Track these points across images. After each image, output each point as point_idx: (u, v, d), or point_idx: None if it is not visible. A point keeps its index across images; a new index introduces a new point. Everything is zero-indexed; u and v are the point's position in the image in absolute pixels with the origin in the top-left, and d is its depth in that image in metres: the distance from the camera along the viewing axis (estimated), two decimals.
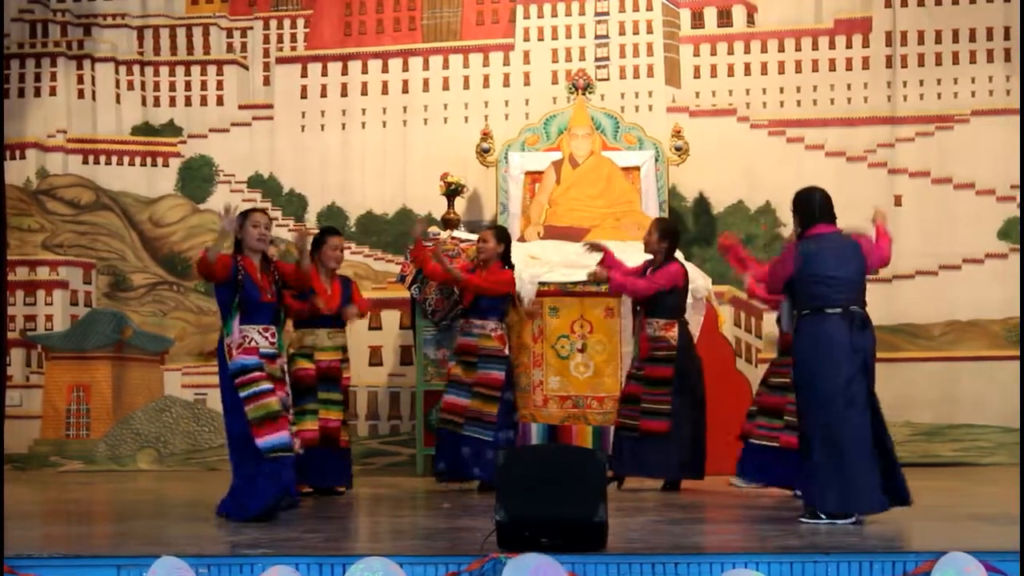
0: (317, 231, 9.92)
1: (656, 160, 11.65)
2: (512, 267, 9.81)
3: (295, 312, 8.97)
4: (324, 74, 12.70)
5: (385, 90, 12.65)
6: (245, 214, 7.73)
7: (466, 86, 12.59)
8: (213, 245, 7.54)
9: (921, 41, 12.29)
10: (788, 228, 10.77)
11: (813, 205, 7.49)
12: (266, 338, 7.62)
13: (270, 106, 12.71)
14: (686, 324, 9.72)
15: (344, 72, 12.69)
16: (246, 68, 12.78)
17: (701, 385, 9.65)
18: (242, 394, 7.46)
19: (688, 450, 9.51)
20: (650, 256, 9.71)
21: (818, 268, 7.30)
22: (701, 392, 9.64)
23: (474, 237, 10.86)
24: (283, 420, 7.52)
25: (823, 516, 7.15)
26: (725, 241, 8.23)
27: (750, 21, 12.50)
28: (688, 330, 9.72)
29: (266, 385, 7.50)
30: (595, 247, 9.70)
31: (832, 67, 12.36)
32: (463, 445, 9.52)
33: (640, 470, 9.60)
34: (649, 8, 12.47)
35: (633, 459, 9.55)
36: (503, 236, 9.88)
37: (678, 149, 11.67)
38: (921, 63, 12.28)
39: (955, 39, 12.25)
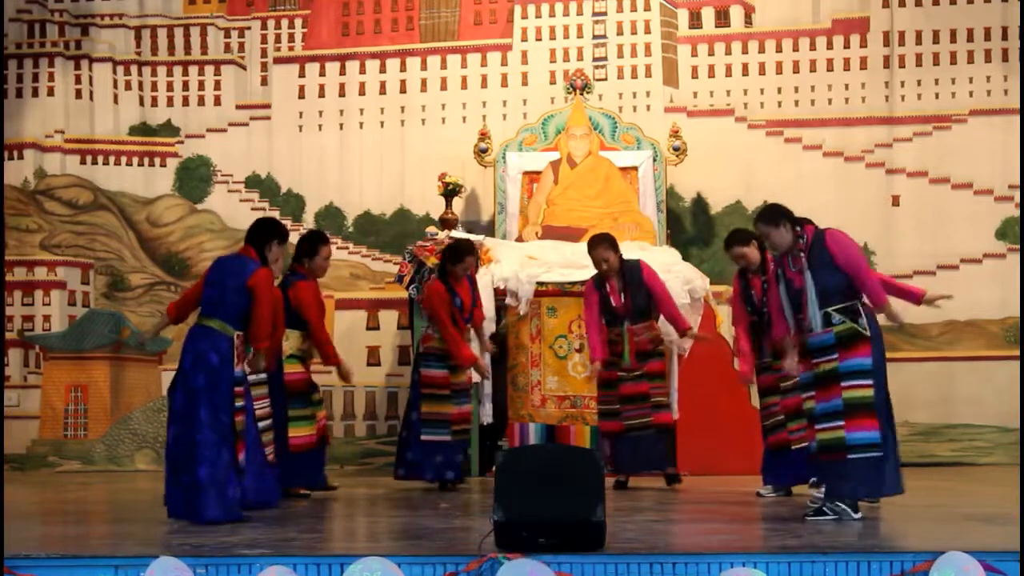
0: (306, 233, 9.96)
1: (654, 160, 11.65)
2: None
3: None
4: (322, 74, 12.70)
5: (383, 90, 12.65)
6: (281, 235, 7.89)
7: (464, 86, 12.59)
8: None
9: (919, 41, 12.30)
10: None
11: (789, 210, 7.55)
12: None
13: (268, 106, 12.71)
14: None
15: (342, 72, 12.69)
16: (244, 68, 12.78)
17: None
18: (238, 404, 7.50)
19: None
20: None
21: None
22: None
23: (472, 237, 10.86)
24: (245, 443, 7.61)
25: (838, 506, 7.22)
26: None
27: (748, 21, 12.50)
28: None
29: (244, 404, 7.60)
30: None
31: (830, 67, 12.37)
32: (466, 448, 9.70)
33: (650, 465, 9.62)
34: (647, 8, 12.47)
35: (644, 456, 9.57)
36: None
37: (676, 149, 11.67)
38: (919, 63, 12.29)
39: (952, 39, 12.26)
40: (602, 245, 9.55)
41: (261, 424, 7.88)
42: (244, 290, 7.54)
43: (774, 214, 7.52)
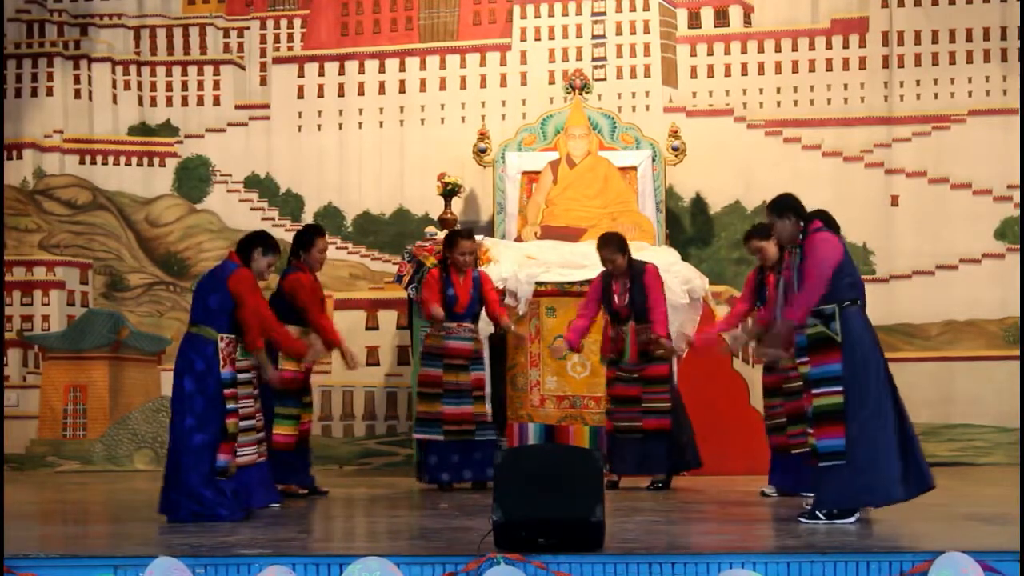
0: (302, 227, 9.93)
1: (653, 160, 11.65)
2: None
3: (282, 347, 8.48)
4: (321, 74, 12.69)
5: (382, 90, 12.65)
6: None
7: (463, 86, 12.59)
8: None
9: (918, 41, 12.29)
10: None
11: (799, 203, 7.45)
12: (237, 349, 7.73)
13: (267, 106, 12.70)
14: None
15: (341, 72, 12.68)
16: (243, 68, 12.77)
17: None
18: (229, 406, 7.50)
19: (685, 443, 9.63)
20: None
21: (849, 259, 7.33)
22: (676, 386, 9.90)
23: None
24: (232, 444, 7.59)
25: (822, 516, 7.14)
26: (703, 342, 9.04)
27: (747, 21, 12.49)
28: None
29: (237, 405, 7.61)
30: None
31: (829, 67, 12.36)
32: (474, 450, 9.60)
33: (641, 469, 9.61)
34: (646, 8, 12.46)
35: (633, 459, 9.57)
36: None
37: (675, 149, 11.67)
38: (918, 63, 12.28)
39: (951, 39, 12.26)
40: (610, 246, 9.57)
41: (243, 424, 7.80)
42: (225, 291, 7.58)
43: (781, 206, 7.42)
